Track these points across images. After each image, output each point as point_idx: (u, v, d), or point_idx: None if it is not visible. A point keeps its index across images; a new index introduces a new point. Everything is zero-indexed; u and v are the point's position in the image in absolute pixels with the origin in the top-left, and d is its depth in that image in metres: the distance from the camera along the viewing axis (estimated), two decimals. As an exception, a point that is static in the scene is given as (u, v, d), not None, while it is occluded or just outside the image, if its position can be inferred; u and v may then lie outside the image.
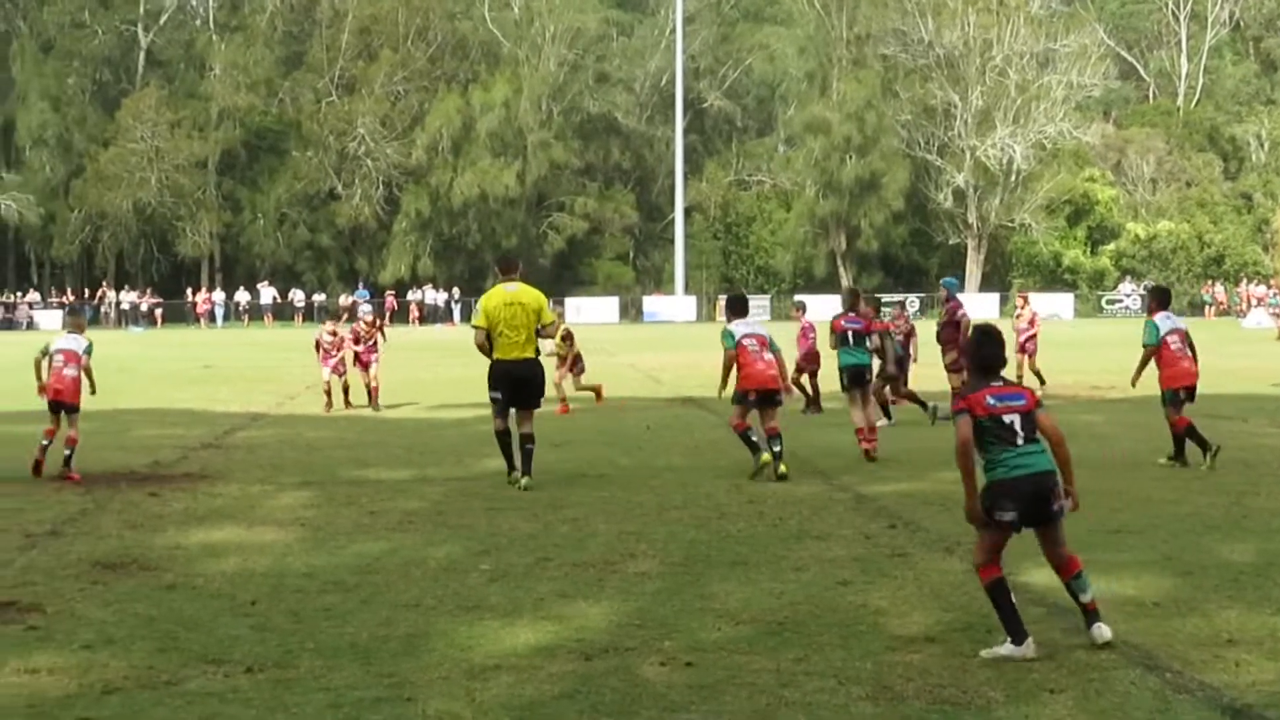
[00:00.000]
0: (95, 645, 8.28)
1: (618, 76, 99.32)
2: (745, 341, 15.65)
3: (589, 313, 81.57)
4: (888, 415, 21.03)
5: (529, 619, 8.81)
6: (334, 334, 25.88)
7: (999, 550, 7.93)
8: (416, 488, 14.83)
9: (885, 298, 38.36)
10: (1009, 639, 7.77)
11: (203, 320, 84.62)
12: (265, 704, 7.11)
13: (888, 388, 21.48)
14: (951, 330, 22.89)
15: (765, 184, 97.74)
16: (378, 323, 26.68)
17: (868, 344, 18.29)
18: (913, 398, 22.27)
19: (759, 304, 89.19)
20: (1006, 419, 7.82)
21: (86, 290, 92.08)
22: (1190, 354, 16.38)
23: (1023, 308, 28.80)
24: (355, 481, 15.44)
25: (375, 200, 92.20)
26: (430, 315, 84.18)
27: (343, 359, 25.60)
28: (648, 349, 45.90)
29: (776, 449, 15.30)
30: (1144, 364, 16.56)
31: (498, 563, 10.68)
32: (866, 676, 7.49)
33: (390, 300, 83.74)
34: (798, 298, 29.44)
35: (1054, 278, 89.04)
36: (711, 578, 9.99)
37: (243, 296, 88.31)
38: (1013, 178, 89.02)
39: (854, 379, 17.91)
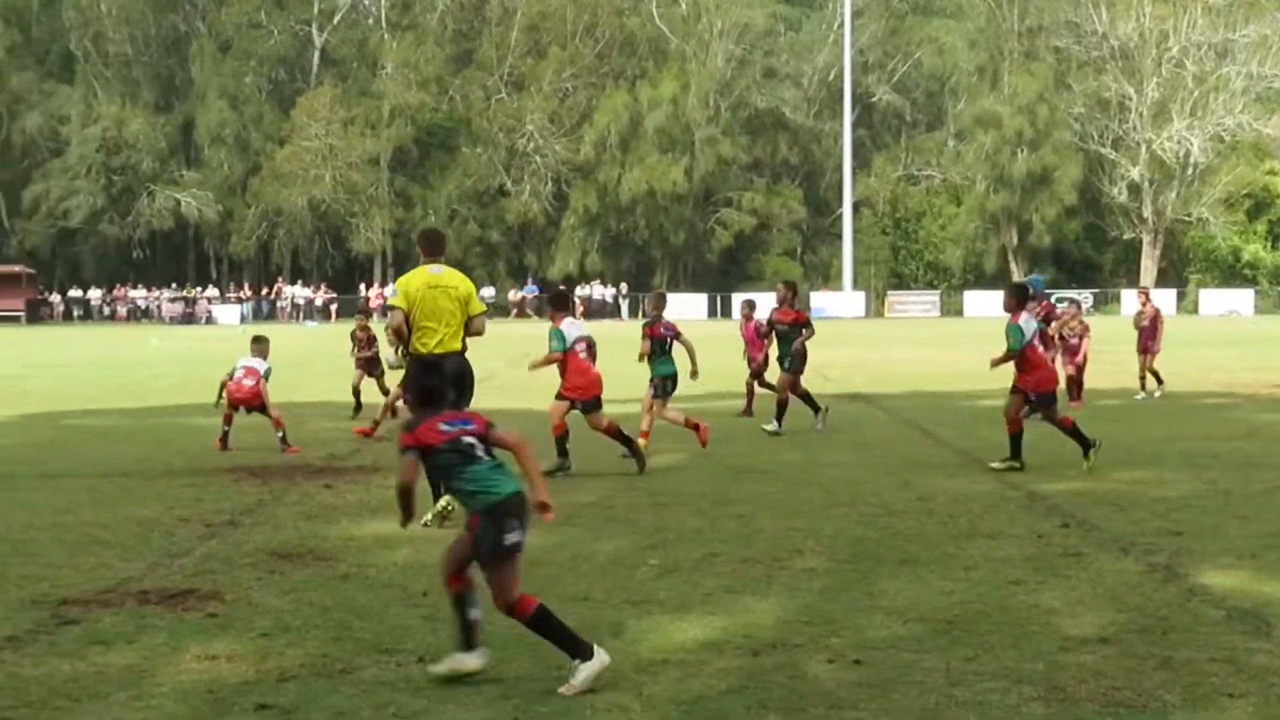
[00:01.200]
0: (272, 633, 8.44)
1: (785, 71, 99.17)
2: (578, 347, 15.76)
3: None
4: (816, 409, 20.65)
5: (696, 614, 8.81)
6: (365, 329, 24.10)
7: (519, 578, 7.42)
8: (582, 481, 14.88)
9: (1057, 294, 37.85)
10: (578, 658, 7.23)
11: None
12: (437, 694, 7.20)
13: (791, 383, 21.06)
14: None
15: (935, 179, 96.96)
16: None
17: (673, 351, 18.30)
18: (807, 398, 21.20)
19: (929, 299, 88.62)
20: (465, 440, 7.48)
21: (264, 286, 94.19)
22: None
23: (1144, 305, 27.22)
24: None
25: (544, 196, 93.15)
26: (598, 310, 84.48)
27: (375, 357, 23.41)
28: (816, 345, 45.51)
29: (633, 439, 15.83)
30: (1005, 361, 16.04)
31: (665, 557, 10.69)
32: (1038, 677, 7.36)
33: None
34: (745, 298, 28.73)
35: (1233, 273, 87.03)
36: (880, 575, 9.91)
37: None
38: (1190, 171, 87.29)
39: (673, 387, 17.98)
